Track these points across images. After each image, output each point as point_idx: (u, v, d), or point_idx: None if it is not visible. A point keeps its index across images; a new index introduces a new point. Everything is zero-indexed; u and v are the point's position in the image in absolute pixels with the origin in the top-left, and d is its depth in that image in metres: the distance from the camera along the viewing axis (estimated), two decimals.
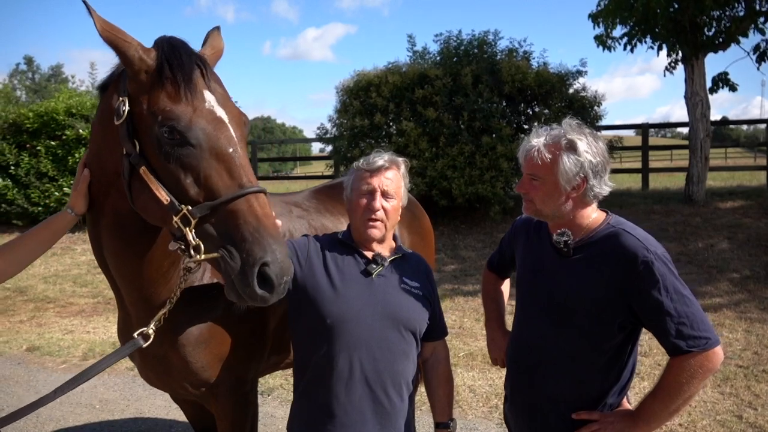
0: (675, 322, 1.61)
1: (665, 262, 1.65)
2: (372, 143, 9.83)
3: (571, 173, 1.69)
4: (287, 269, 1.52)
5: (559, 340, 1.80)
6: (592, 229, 1.78)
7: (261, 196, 1.56)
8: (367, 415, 1.86)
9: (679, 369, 1.63)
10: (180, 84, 1.55)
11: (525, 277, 1.96)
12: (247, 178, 1.56)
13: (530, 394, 1.89)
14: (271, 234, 1.50)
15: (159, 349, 2.02)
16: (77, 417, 4.26)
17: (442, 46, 10.22)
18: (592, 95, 9.82)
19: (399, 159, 2.03)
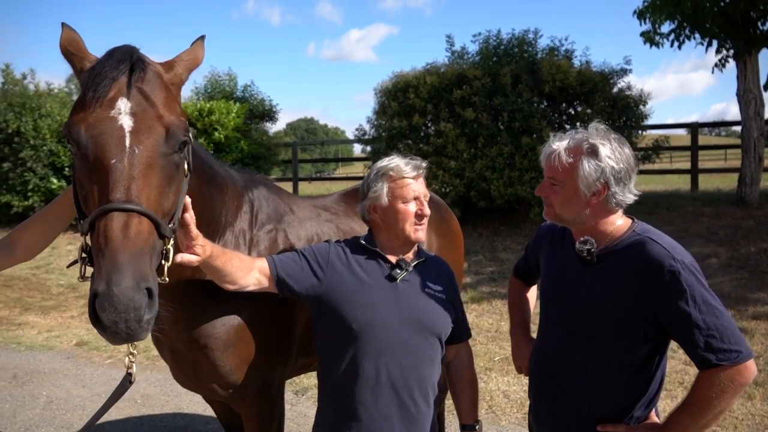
0: (704, 334, 1.54)
1: (693, 271, 1.59)
2: (410, 144, 9.83)
3: (591, 179, 1.65)
4: (122, 306, 1.24)
5: (582, 352, 1.75)
6: (617, 236, 1.72)
7: (119, 216, 1.32)
8: (394, 420, 1.86)
9: (708, 383, 1.56)
10: (87, 92, 1.45)
11: (548, 285, 1.92)
12: (123, 193, 1.35)
13: (553, 405, 1.85)
14: (112, 260, 1.27)
15: (188, 354, 2.09)
16: (120, 411, 4.42)
17: (482, 46, 10.12)
18: (637, 94, 9.52)
19: (424, 164, 2.04)
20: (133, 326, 1.27)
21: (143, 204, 1.36)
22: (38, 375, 5.24)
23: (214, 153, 11.35)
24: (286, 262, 1.95)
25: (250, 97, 13.73)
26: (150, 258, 1.36)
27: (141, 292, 1.28)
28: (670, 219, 9.19)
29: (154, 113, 1.47)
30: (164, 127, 1.47)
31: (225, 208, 2.09)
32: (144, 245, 1.34)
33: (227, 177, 2.17)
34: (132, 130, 1.42)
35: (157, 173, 1.44)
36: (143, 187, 1.39)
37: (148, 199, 1.39)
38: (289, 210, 2.43)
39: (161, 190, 1.45)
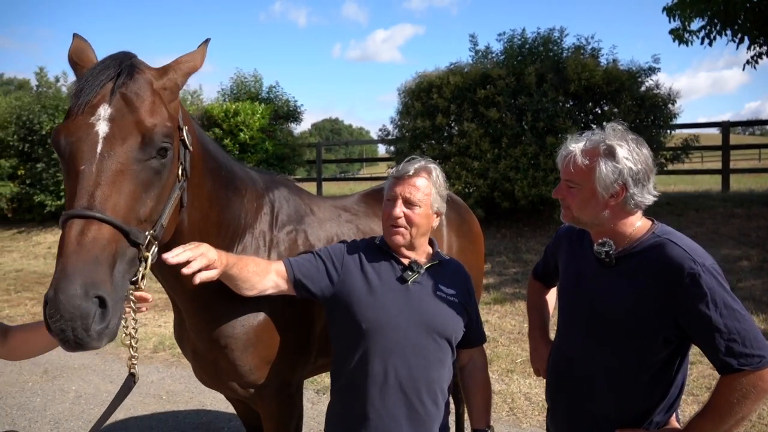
0: (725, 338, 1.51)
1: (714, 274, 1.55)
2: (433, 144, 9.80)
3: (608, 180, 1.63)
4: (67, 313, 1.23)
5: (600, 355, 1.73)
6: (636, 238, 1.70)
7: (76, 223, 1.32)
8: (402, 421, 1.87)
9: (729, 388, 1.53)
10: (72, 99, 1.47)
11: (566, 287, 1.90)
12: (85, 200, 1.35)
13: (570, 408, 1.83)
14: (62, 267, 1.27)
15: (209, 353, 2.12)
16: (146, 406, 4.52)
17: (506, 45, 10.03)
18: (666, 92, 9.31)
19: (431, 166, 2.03)
20: (80, 335, 1.25)
21: (107, 211, 1.34)
22: (68, 370, 5.38)
23: (240, 153, 11.52)
24: (302, 263, 1.96)
25: (275, 97, 13.86)
26: (110, 266, 1.33)
27: (89, 300, 1.25)
28: (700, 220, 8.98)
29: (132, 119, 1.44)
30: (141, 133, 1.44)
31: (244, 211, 2.11)
32: (101, 252, 1.31)
33: (247, 179, 2.18)
34: (106, 136, 1.41)
35: (129, 180, 1.41)
36: (109, 194, 1.37)
37: (114, 206, 1.36)
38: (309, 211, 2.44)
39: (134, 196, 1.42)
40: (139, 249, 1.42)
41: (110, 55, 1.55)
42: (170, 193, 1.56)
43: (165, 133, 1.49)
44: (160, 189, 1.51)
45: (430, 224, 2.01)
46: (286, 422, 2.26)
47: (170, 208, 1.55)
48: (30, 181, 13.01)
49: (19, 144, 12.90)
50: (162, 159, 1.49)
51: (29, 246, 12.24)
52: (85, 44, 1.65)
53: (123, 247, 1.38)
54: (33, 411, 4.48)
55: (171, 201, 1.56)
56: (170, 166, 1.54)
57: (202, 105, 13.14)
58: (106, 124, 1.42)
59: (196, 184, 1.79)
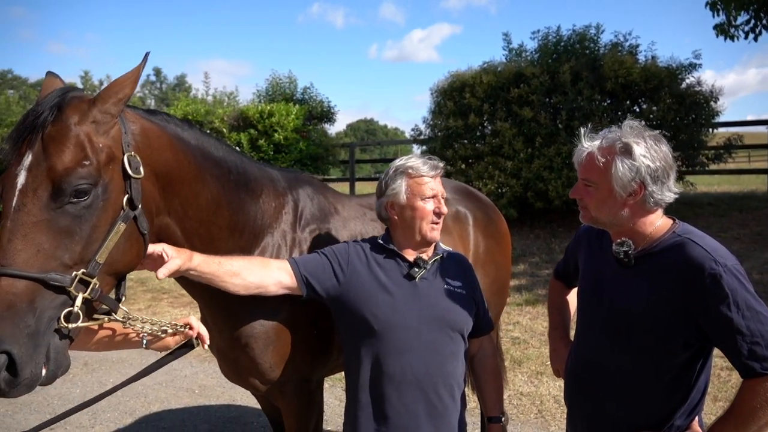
0: (747, 341, 1.46)
1: (736, 275, 1.50)
2: (465, 144, 9.75)
3: (625, 179, 1.59)
4: None
5: (619, 356, 1.70)
6: (656, 238, 1.65)
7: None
8: (421, 417, 1.88)
9: (752, 393, 1.47)
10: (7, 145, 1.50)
11: (585, 288, 1.87)
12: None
13: (589, 411, 1.80)
14: None
15: (231, 352, 2.16)
16: (179, 400, 4.64)
17: (540, 43, 9.89)
18: (708, 90, 9.02)
19: (440, 164, 2.05)
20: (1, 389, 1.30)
21: (15, 265, 1.36)
22: (106, 363, 5.56)
23: (274, 154, 11.69)
24: (308, 262, 1.98)
25: (309, 98, 14.02)
26: (20, 317, 1.34)
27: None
28: (743, 221, 8.66)
29: (45, 166, 1.43)
30: (50, 180, 1.43)
31: (260, 211, 2.11)
32: (8, 305, 1.33)
33: (264, 178, 2.18)
34: (21, 189, 1.43)
35: (43, 230, 1.41)
36: (19, 247, 1.38)
37: (26, 259, 1.37)
38: (334, 209, 2.44)
39: (52, 244, 1.42)
40: (68, 290, 1.43)
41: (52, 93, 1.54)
42: (107, 229, 1.52)
43: (80, 175, 1.45)
44: (88, 230, 1.48)
45: None
46: (307, 419, 2.29)
47: (110, 243, 1.51)
48: None
49: None
50: (83, 200, 1.47)
51: None
52: (54, 80, 1.69)
53: (40, 295, 1.39)
54: (72, 401, 4.65)
55: (110, 236, 1.51)
56: (101, 204, 1.51)
57: (238, 106, 13.37)
58: (24, 174, 1.44)
59: (186, 196, 1.82)
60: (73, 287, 1.43)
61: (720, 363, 4.91)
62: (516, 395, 4.49)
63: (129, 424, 4.22)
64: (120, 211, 1.55)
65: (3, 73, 51.14)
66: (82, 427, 4.22)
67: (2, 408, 4.54)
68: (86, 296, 1.46)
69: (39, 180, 1.43)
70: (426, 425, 1.88)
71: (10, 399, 4.69)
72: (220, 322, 2.12)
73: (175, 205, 1.80)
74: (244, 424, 4.19)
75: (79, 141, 1.48)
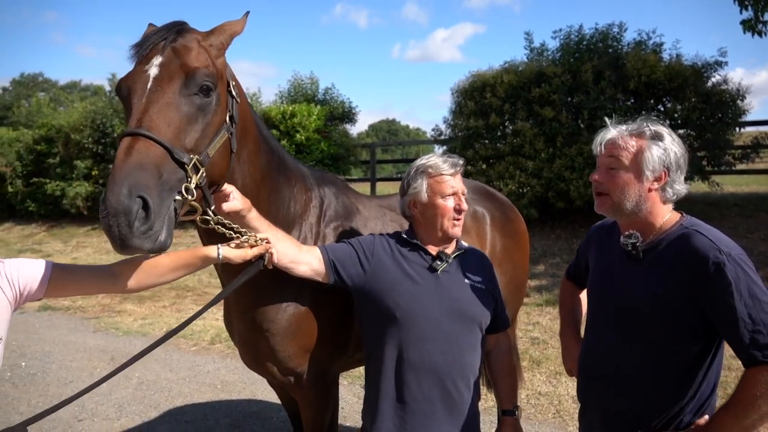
0: (750, 329, 1.48)
1: (740, 264, 1.52)
2: (486, 144, 9.72)
3: (657, 162, 1.65)
4: (111, 209, 1.41)
5: (628, 350, 1.72)
6: (664, 230, 1.69)
7: (126, 140, 1.54)
8: (437, 405, 1.94)
9: (753, 381, 1.49)
10: (133, 56, 1.73)
11: (594, 282, 1.90)
12: (135, 122, 1.57)
13: (600, 406, 1.82)
14: (112, 173, 1.47)
15: (251, 337, 2.22)
16: (201, 395, 4.75)
17: (562, 42, 9.81)
18: (734, 88, 8.84)
19: (460, 161, 2.09)
20: (124, 230, 1.42)
21: (151, 130, 1.55)
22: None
23: (296, 154, 11.81)
24: (336, 249, 2.06)
25: (331, 99, 14.13)
26: (155, 174, 1.50)
27: (132, 198, 1.43)
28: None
29: (178, 63, 1.68)
30: (184, 72, 1.66)
31: (293, 199, 2.23)
32: (145, 161, 1.49)
33: (297, 171, 2.31)
34: (155, 77, 1.65)
35: (173, 109, 1.63)
36: (154, 119, 1.58)
37: (159, 128, 1.57)
38: (356, 209, 2.53)
39: (179, 125, 1.62)
40: (185, 168, 1.59)
41: (169, 22, 1.80)
42: (216, 131, 1.74)
43: (207, 74, 1.70)
44: (204, 125, 1.70)
45: None
46: (323, 411, 2.35)
47: (217, 144, 1.73)
48: (103, 181, 13.84)
49: (93, 146, 13.74)
50: (205, 97, 1.70)
51: (101, 242, 13.00)
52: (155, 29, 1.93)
53: (167, 163, 1.55)
54: (100, 395, 4.80)
55: (217, 138, 1.73)
56: (215, 108, 1.74)
57: (261, 107, 13.55)
58: (156, 68, 1.66)
59: (251, 150, 1.99)
60: (190, 167, 1.60)
61: (735, 364, 4.83)
62: (534, 395, 4.50)
63: (154, 418, 4.33)
64: (224, 122, 1.78)
65: (34, 76, 52.46)
66: (108, 419, 4.35)
67: (34, 400, 4.71)
68: (197, 180, 1.62)
69: (173, 71, 1.66)
70: (441, 412, 1.94)
71: (41, 391, 4.85)
72: (245, 302, 2.17)
73: (244, 154, 1.95)
74: (265, 419, 4.27)
75: (203, 51, 1.75)
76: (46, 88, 50.62)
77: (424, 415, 1.94)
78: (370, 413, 2.04)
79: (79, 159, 14.11)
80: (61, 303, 8.12)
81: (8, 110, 37.77)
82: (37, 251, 12.81)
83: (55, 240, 13.80)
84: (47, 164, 14.91)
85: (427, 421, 1.94)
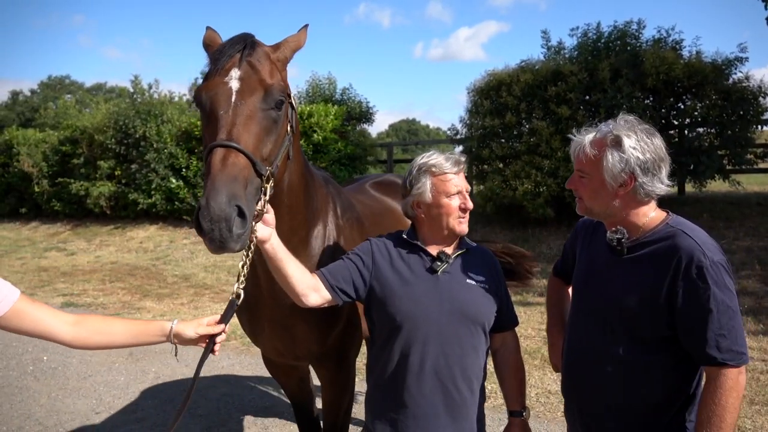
0: (716, 333, 1.54)
1: (721, 271, 1.56)
2: (502, 143, 9.69)
3: (615, 170, 1.65)
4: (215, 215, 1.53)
5: (610, 344, 1.73)
6: (650, 228, 1.70)
7: (220, 150, 1.64)
8: (439, 407, 1.93)
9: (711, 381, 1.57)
10: (210, 66, 1.85)
11: (579, 277, 1.91)
12: (225, 134, 1.67)
13: (583, 400, 1.84)
14: (212, 182, 1.57)
15: (288, 320, 2.30)
16: (215, 389, 4.84)
17: (580, 40, 9.73)
18: (755, 85, 8.66)
19: (462, 158, 2.08)
20: (224, 234, 1.56)
21: (240, 143, 1.67)
22: (150, 354, 5.83)
23: (313, 154, 11.91)
24: (335, 270, 2.02)
25: (348, 99, 14.21)
26: (244, 185, 1.63)
27: (231, 206, 1.56)
28: None
29: (256, 78, 1.80)
30: (264, 88, 1.79)
31: (317, 195, 2.34)
32: (238, 173, 1.62)
33: (313, 170, 2.44)
34: (238, 90, 1.76)
35: (256, 123, 1.75)
36: (242, 132, 1.70)
37: (246, 141, 1.69)
38: (351, 201, 2.77)
39: (259, 137, 1.74)
40: (262, 179, 1.71)
41: (240, 34, 1.91)
42: (282, 141, 1.88)
43: (280, 89, 1.84)
44: (276, 135, 1.83)
45: None
46: (345, 389, 2.52)
47: (282, 154, 1.87)
48: (125, 181, 14.15)
49: (116, 147, 14.04)
50: (278, 111, 1.84)
51: (124, 241, 13.29)
52: (214, 33, 2.05)
53: (252, 174, 1.68)
54: (117, 388, 4.92)
55: (283, 147, 1.87)
56: (283, 119, 1.87)
57: None
58: (237, 82, 1.78)
59: (297, 149, 2.09)
60: (265, 177, 1.73)
61: (760, 366, 4.77)
62: (544, 393, 4.49)
63: (168, 411, 4.43)
64: (287, 132, 1.92)
65: (61, 79, 53.63)
66: (124, 412, 4.46)
67: (53, 393, 4.85)
68: (269, 190, 1.74)
69: (253, 86, 1.78)
70: (444, 415, 1.92)
71: (61, 384, 4.99)
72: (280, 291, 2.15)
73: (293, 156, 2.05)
74: (276, 414, 4.34)
75: (276, 67, 1.90)
76: (73, 90, 51.67)
77: (425, 419, 1.92)
78: (371, 414, 2.05)
79: (102, 159, 14.43)
80: (83, 300, 8.32)
81: (36, 112, 38.71)
82: (62, 249, 13.12)
83: (79, 239, 14.13)
84: (72, 165, 15.29)
85: (429, 424, 1.92)
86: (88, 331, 1.74)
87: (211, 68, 1.82)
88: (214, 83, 1.78)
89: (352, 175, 11.95)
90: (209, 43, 2.01)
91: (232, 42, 1.86)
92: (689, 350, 1.60)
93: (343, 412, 2.59)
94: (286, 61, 1.98)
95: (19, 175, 16.48)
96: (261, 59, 1.84)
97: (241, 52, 1.82)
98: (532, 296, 7.19)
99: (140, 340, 1.82)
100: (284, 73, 1.96)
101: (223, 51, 1.82)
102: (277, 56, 1.93)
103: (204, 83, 1.82)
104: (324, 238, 2.34)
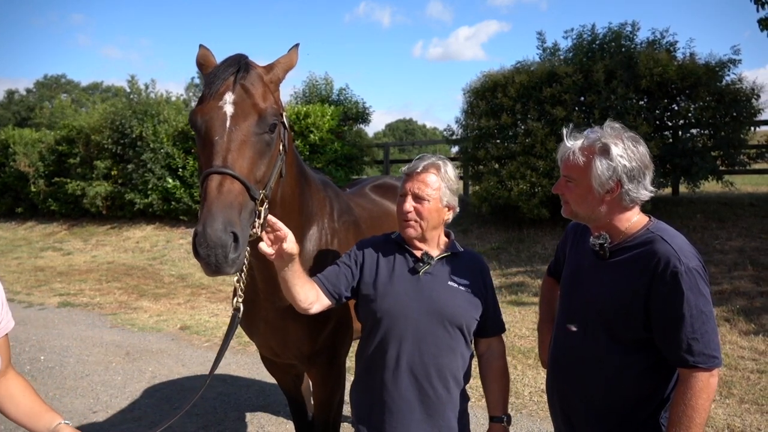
0: (689, 336, 1.59)
1: (695, 276, 1.61)
2: (498, 144, 9.75)
3: (603, 177, 1.69)
4: (212, 242, 1.56)
5: (591, 345, 1.79)
6: (631, 233, 1.76)
7: (216, 177, 1.66)
8: (414, 404, 1.98)
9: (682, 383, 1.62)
10: (205, 89, 1.86)
11: (565, 279, 1.97)
12: (220, 160, 1.69)
13: (564, 397, 1.90)
14: (208, 209, 1.61)
15: (281, 321, 2.37)
16: (212, 389, 4.86)
17: (575, 42, 9.79)
18: (748, 87, 8.74)
19: (439, 162, 2.08)
20: (220, 260, 1.59)
21: (235, 170, 1.69)
22: (146, 353, 5.87)
23: (310, 154, 11.94)
24: (330, 275, 2.08)
25: (345, 100, 14.24)
26: (239, 211, 1.66)
27: (227, 233, 1.60)
28: None
29: (250, 102, 1.81)
30: (257, 113, 1.81)
31: (312, 200, 2.39)
32: (234, 200, 1.65)
33: (310, 173, 2.48)
34: (232, 115, 1.78)
35: (249, 148, 1.77)
36: (236, 158, 1.73)
37: (240, 166, 1.72)
38: (350, 204, 2.81)
39: (253, 161, 1.77)
40: (256, 203, 1.74)
41: (229, 56, 1.94)
42: (275, 162, 1.90)
43: (273, 113, 1.86)
44: (269, 158, 1.86)
45: (441, 217, 2.08)
46: (336, 388, 2.59)
47: (275, 175, 1.90)
48: (122, 181, 14.15)
49: (112, 147, 14.05)
50: (271, 134, 1.86)
51: (120, 240, 13.29)
52: (207, 51, 2.07)
53: (246, 199, 1.71)
54: (114, 388, 4.95)
55: (275, 169, 1.90)
56: (276, 141, 1.90)
57: None
58: (231, 106, 1.79)
59: (290, 163, 2.13)
60: (259, 201, 1.76)
61: (750, 366, 4.83)
62: (537, 392, 4.54)
63: (165, 410, 4.46)
64: (279, 152, 1.95)
65: (57, 78, 53.46)
66: (122, 411, 4.49)
67: (51, 392, 4.87)
68: (264, 213, 1.77)
69: (246, 111, 1.80)
70: (419, 412, 1.97)
71: (59, 384, 5.01)
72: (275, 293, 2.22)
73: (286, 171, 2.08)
74: (272, 413, 4.38)
75: (269, 90, 1.92)
76: (69, 90, 51.56)
77: (401, 415, 1.97)
78: (353, 406, 2.13)
79: (98, 159, 14.43)
80: (80, 300, 8.35)
81: (32, 111, 38.59)
82: (59, 249, 13.13)
83: (76, 238, 14.13)
84: (68, 164, 15.29)
85: (405, 420, 1.97)
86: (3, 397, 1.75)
87: (206, 92, 1.84)
88: (209, 107, 1.79)
89: (348, 176, 11.99)
90: (202, 61, 2.03)
91: (227, 64, 1.88)
92: (663, 352, 1.65)
93: (334, 410, 2.66)
94: (279, 82, 2.00)
95: (16, 175, 16.46)
96: (254, 82, 1.86)
97: (234, 75, 1.84)
98: (527, 296, 7.25)
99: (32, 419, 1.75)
100: (277, 93, 1.98)
101: (217, 74, 1.84)
102: (270, 78, 1.95)
103: (199, 106, 1.83)
104: (318, 241, 2.40)
